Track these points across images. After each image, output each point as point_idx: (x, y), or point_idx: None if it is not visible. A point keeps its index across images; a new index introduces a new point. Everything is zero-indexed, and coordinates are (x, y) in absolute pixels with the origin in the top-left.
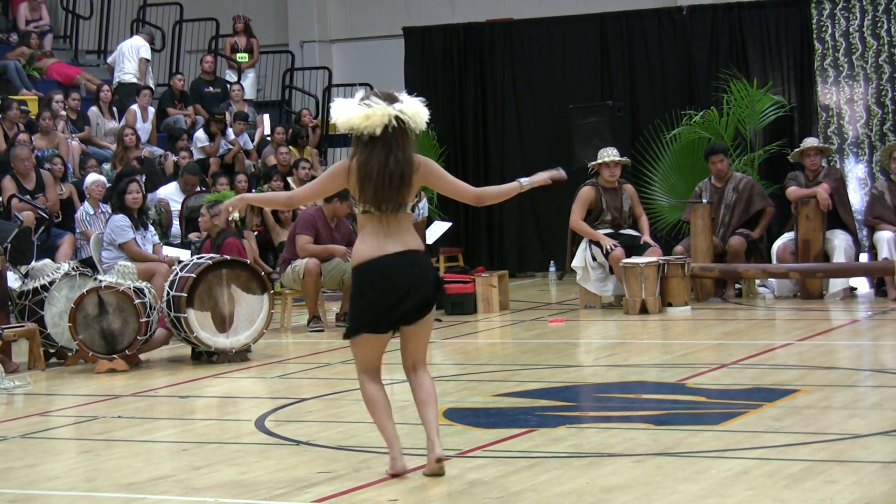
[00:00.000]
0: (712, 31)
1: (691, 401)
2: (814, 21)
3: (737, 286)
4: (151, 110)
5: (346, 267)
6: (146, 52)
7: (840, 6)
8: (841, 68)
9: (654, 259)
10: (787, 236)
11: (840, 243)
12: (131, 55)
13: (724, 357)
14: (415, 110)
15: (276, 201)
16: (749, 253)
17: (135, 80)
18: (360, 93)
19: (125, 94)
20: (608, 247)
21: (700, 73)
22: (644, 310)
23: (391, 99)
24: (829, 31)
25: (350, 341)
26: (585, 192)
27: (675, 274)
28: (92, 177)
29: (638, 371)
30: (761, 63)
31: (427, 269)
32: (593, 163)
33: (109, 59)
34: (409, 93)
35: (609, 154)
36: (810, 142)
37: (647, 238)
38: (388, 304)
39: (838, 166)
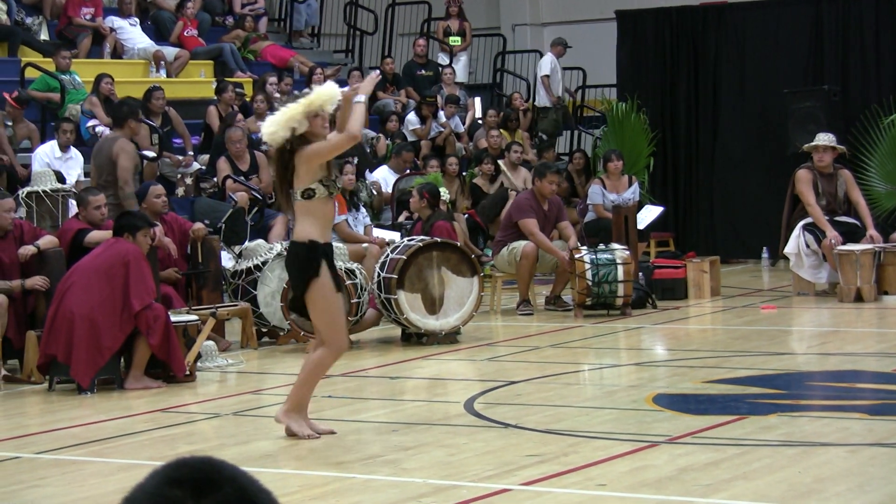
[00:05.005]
0: None
1: None
2: None
3: None
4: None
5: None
6: (546, 67)
7: None
8: None
9: (869, 246)
10: None
11: None
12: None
13: None
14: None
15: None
16: None
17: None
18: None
19: None
20: (832, 239)
21: None
22: (859, 298)
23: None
24: None
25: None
26: (804, 175)
27: (892, 262)
28: None
29: (852, 360)
30: None
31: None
32: (808, 145)
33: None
34: (619, 76)
35: (823, 139)
36: None
37: (872, 232)
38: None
39: None
